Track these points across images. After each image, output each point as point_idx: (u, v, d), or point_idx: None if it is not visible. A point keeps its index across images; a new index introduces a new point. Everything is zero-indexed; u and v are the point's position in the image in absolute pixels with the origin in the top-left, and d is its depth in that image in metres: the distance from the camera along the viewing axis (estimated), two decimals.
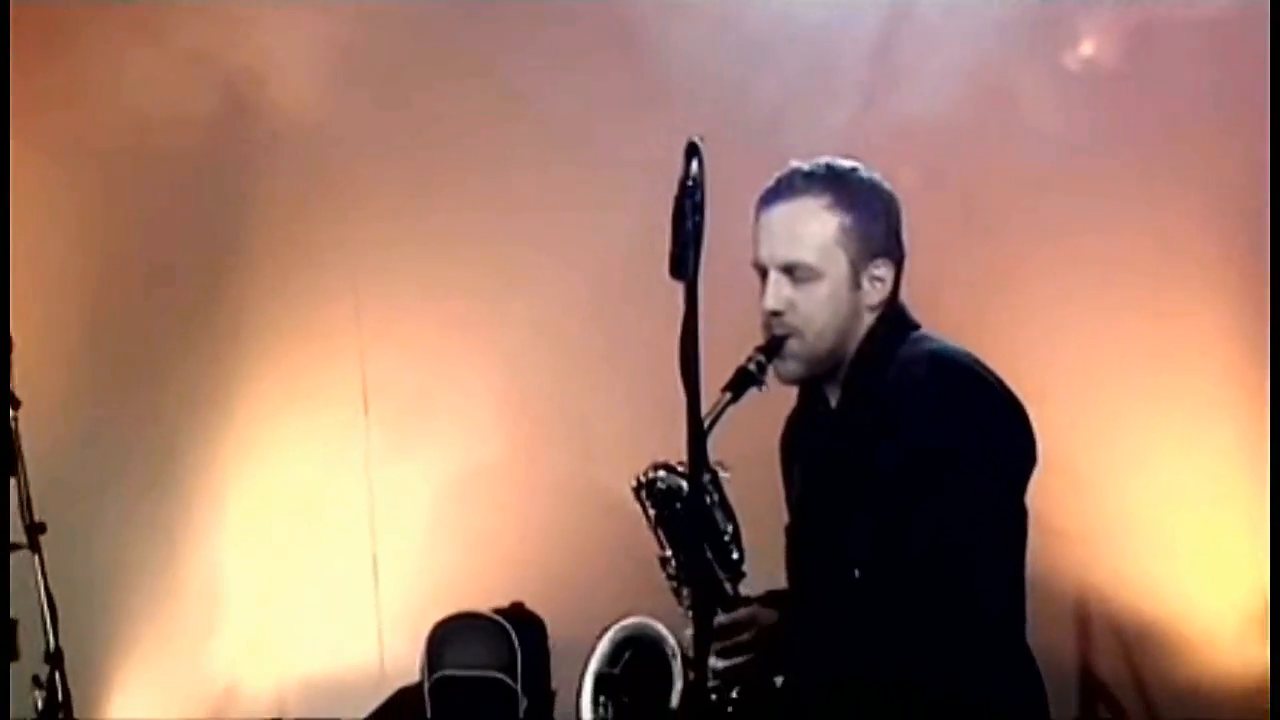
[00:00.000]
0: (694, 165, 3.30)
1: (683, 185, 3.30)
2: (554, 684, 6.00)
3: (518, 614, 5.94)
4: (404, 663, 6.51)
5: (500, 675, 5.70)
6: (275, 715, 6.67)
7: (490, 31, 6.80)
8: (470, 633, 5.84)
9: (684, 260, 3.28)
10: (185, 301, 7.18)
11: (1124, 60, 6.21)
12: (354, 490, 6.90)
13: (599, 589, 6.01)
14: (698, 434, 3.26)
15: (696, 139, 3.30)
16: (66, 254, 7.14)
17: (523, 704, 5.63)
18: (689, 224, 3.30)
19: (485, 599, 6.25)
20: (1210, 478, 5.89)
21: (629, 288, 6.35)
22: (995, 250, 6.19)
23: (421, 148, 7.00)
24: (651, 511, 3.59)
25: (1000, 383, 3.54)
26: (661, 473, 3.55)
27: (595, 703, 3.65)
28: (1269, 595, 5.27)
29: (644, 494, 3.60)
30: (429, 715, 5.87)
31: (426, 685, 5.89)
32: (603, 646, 3.70)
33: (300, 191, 7.11)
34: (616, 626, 3.72)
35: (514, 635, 5.79)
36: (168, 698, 6.83)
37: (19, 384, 5.38)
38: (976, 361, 3.55)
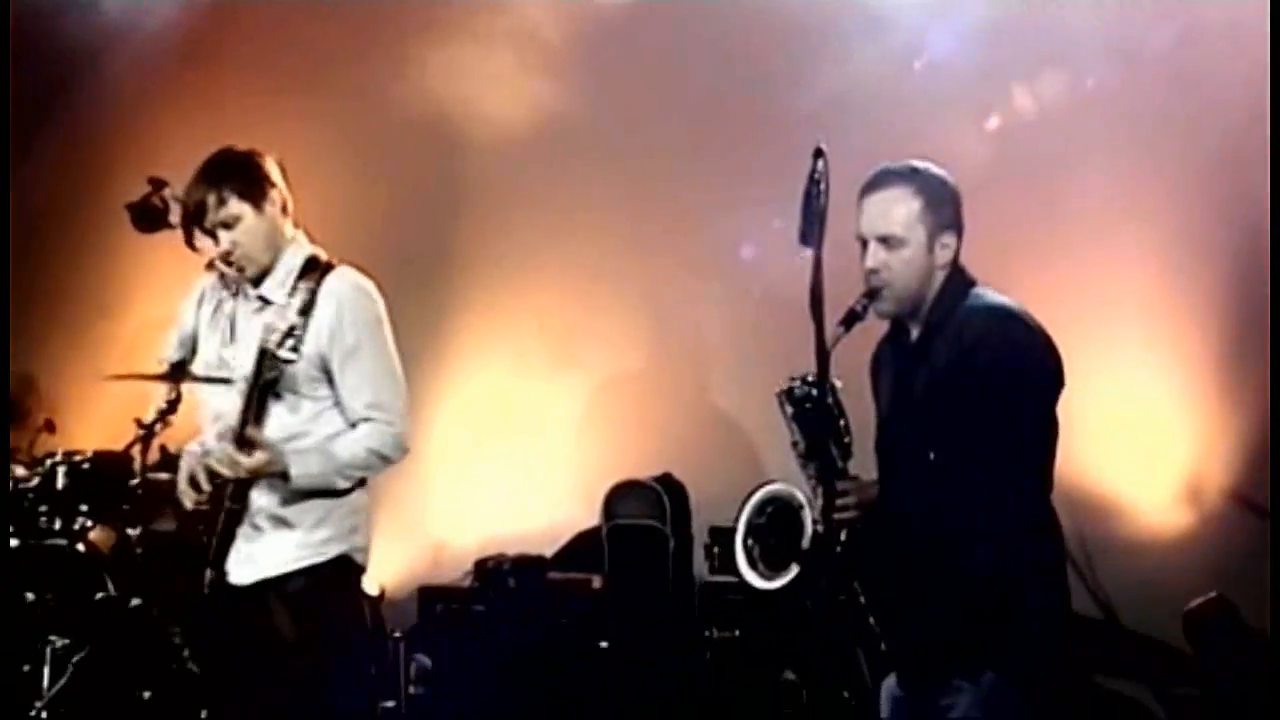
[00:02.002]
0: (819, 164, 3.39)
1: (811, 177, 3.41)
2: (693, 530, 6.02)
3: (667, 481, 5.92)
4: (577, 520, 6.47)
5: (655, 523, 5.68)
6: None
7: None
8: (633, 493, 5.81)
9: (810, 232, 3.40)
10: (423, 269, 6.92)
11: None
12: (536, 391, 6.87)
13: (724, 464, 6.15)
14: (823, 355, 3.37)
15: (822, 145, 3.40)
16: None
17: (671, 544, 5.62)
18: (815, 206, 3.40)
19: (645, 471, 6.21)
20: (1139, 381, 5.82)
21: (763, 254, 6.41)
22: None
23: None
24: (789, 410, 3.59)
25: (1038, 323, 3.55)
26: (797, 383, 3.57)
27: (745, 543, 3.65)
28: (1269, 591, 4.90)
29: (784, 397, 3.61)
30: (606, 551, 5.85)
31: (604, 530, 5.87)
32: (752, 502, 3.67)
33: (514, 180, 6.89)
34: (763, 489, 3.69)
35: (665, 495, 5.77)
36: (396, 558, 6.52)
37: None
38: (1021, 308, 3.57)
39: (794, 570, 3.55)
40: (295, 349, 3.71)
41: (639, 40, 6.62)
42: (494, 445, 6.75)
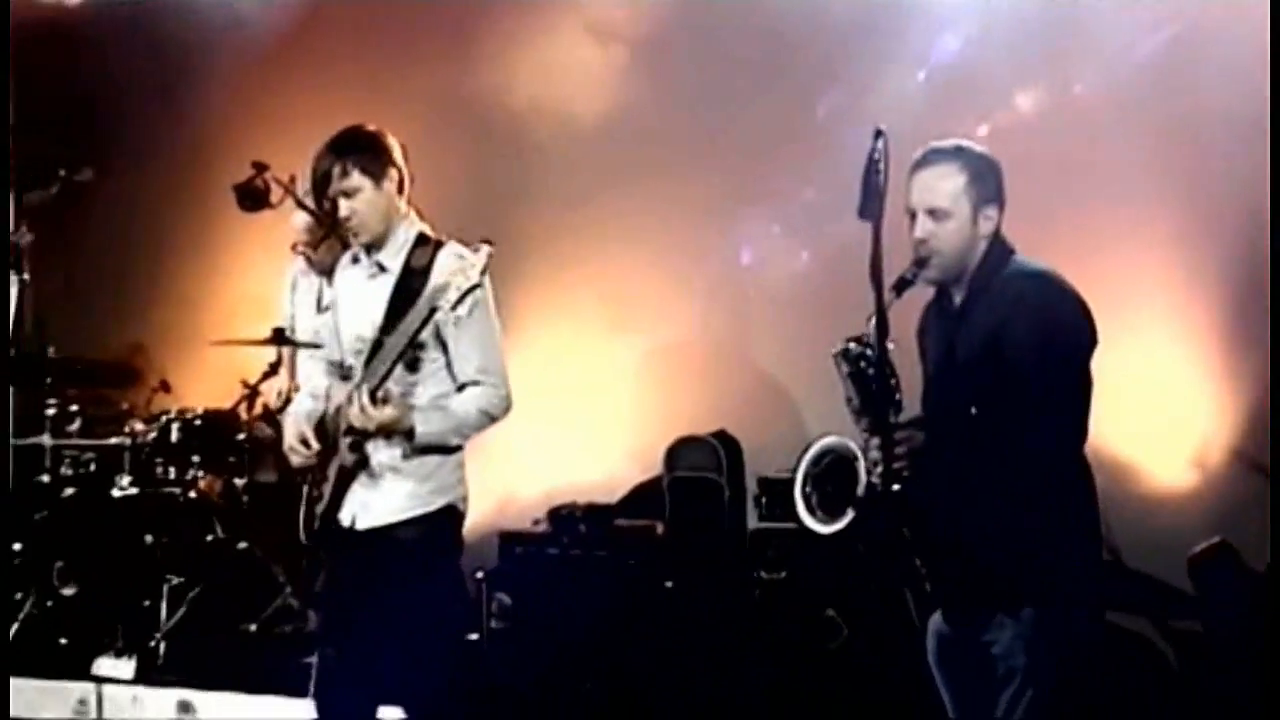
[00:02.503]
0: (879, 144, 3.41)
1: (870, 157, 3.42)
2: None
3: (723, 436, 5.89)
4: (632, 473, 6.43)
5: (712, 475, 5.67)
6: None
7: None
8: (692, 448, 5.79)
9: (869, 207, 3.43)
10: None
11: None
12: (596, 355, 6.82)
13: (771, 420, 6.18)
14: (881, 319, 3.42)
15: (882, 127, 3.43)
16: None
17: (726, 494, 5.61)
18: (874, 183, 3.42)
19: (694, 427, 6.13)
20: (1153, 347, 5.78)
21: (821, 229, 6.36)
22: None
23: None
24: (845, 368, 3.56)
25: (1072, 287, 3.54)
26: (852, 344, 3.55)
27: (804, 490, 3.63)
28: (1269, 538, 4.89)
29: (841, 357, 3.58)
30: (668, 500, 5.83)
31: (666, 481, 5.85)
32: (810, 453, 3.64)
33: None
34: (819, 441, 3.66)
35: (721, 450, 5.75)
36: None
37: None
38: (1056, 273, 3.56)
39: (849, 516, 3.53)
40: (466, 309, 3.67)
41: (687, 40, 6.67)
42: (557, 405, 6.62)
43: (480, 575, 5.51)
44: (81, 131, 7.17)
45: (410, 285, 3.79)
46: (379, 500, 3.88)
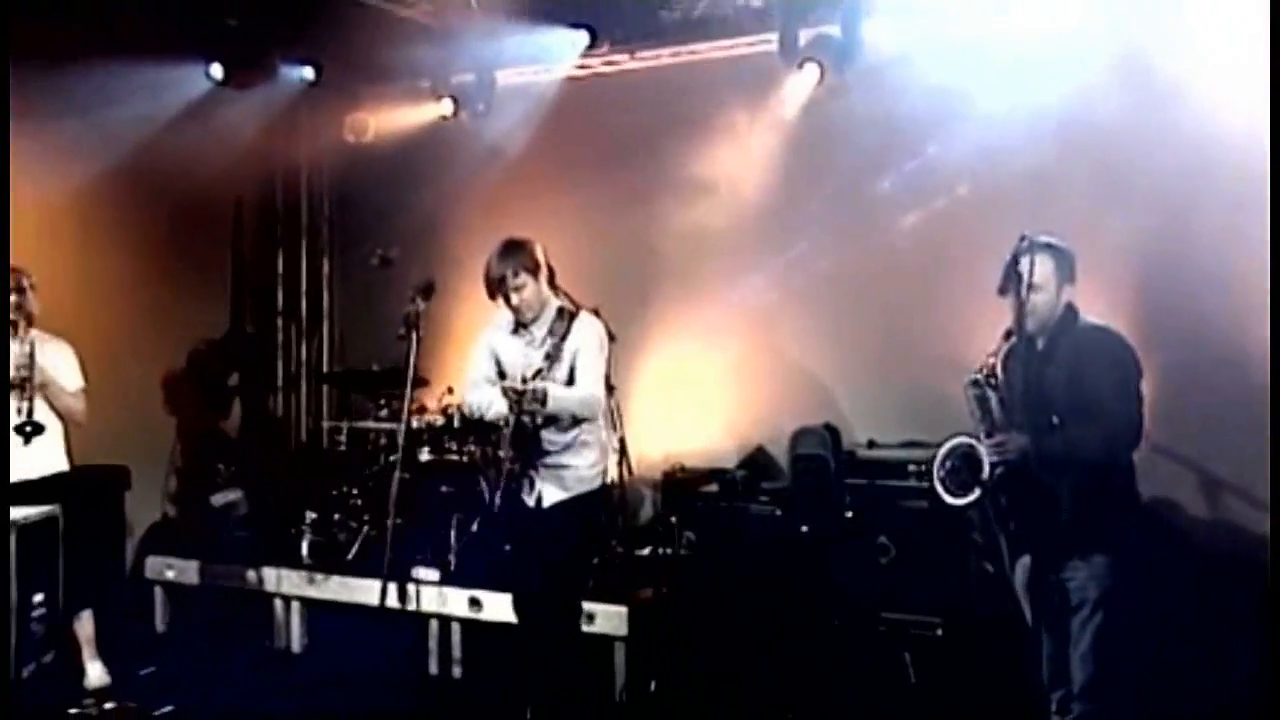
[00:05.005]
0: (1024, 244, 3.46)
1: (1015, 255, 3.47)
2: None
3: (828, 426, 5.61)
4: (728, 446, 6.01)
5: (823, 453, 5.48)
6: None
7: None
8: (809, 433, 5.58)
9: (1008, 288, 3.51)
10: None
11: None
12: (699, 360, 6.15)
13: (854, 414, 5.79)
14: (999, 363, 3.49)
15: (1026, 233, 3.48)
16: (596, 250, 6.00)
17: (832, 467, 5.42)
18: (1012, 271, 3.46)
19: (787, 417, 5.75)
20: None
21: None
22: None
23: None
24: (972, 393, 3.57)
25: (1123, 334, 3.55)
26: (978, 376, 3.58)
27: (939, 473, 3.59)
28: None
29: (970, 385, 3.58)
30: (790, 470, 5.63)
31: (790, 457, 5.64)
32: (944, 447, 3.61)
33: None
34: (952, 439, 3.60)
35: (827, 435, 5.55)
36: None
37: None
38: (1113, 326, 3.58)
39: (976, 493, 3.50)
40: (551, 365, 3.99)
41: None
42: (671, 396, 6.26)
43: (674, 519, 5.49)
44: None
45: (554, 345, 4.03)
46: (558, 482, 4.05)
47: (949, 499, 3.55)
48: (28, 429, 4.34)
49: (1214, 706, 4.02)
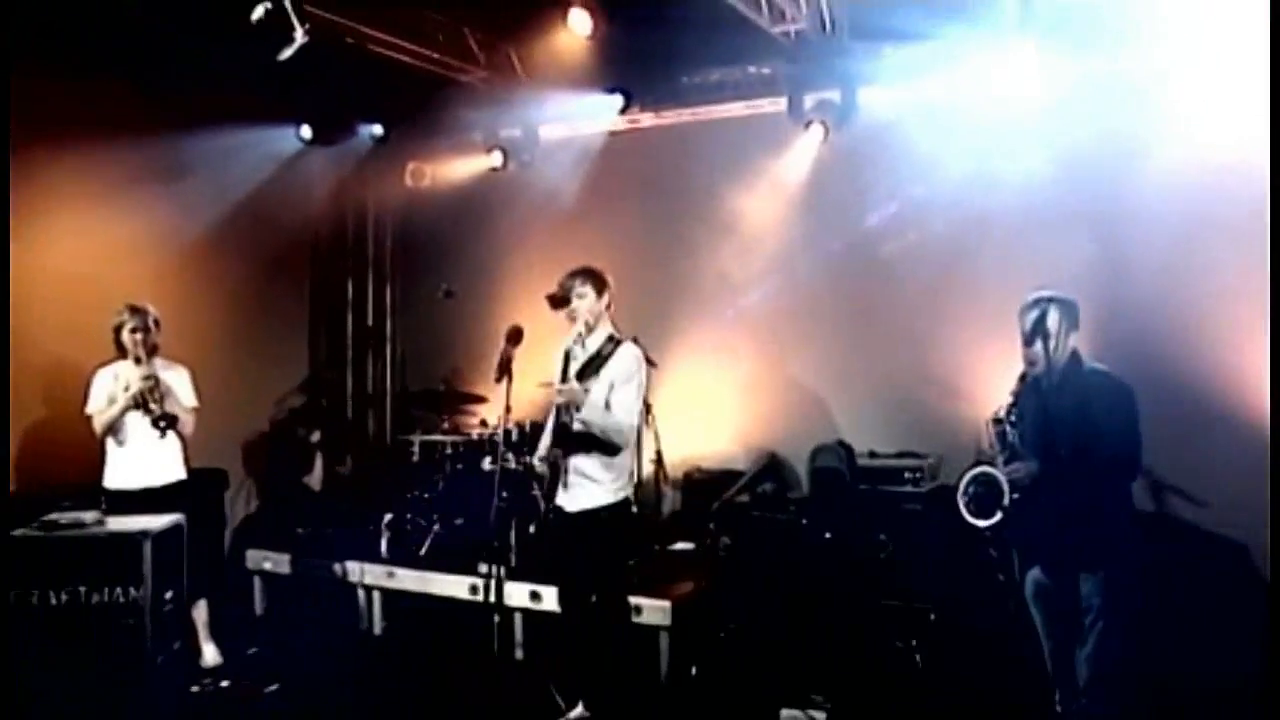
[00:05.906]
0: (1051, 308, 3.45)
1: (1043, 319, 3.43)
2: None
3: (842, 443, 5.53)
4: (738, 454, 5.97)
5: (839, 466, 5.38)
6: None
7: None
8: (826, 449, 5.48)
9: (1032, 341, 3.43)
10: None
11: None
12: (714, 378, 6.07)
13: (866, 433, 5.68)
14: (1017, 397, 3.44)
15: (1044, 293, 3.48)
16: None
17: (846, 477, 5.36)
18: (1036, 337, 3.40)
19: (815, 429, 5.67)
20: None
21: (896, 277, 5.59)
22: None
23: None
24: (993, 429, 3.51)
25: (1121, 378, 3.47)
26: (1000, 413, 3.53)
27: (963, 498, 3.52)
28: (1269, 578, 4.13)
29: (991, 423, 3.50)
30: (809, 481, 5.53)
31: (808, 470, 5.57)
32: (968, 475, 3.53)
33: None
34: (974, 468, 3.53)
35: (842, 451, 5.50)
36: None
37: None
38: (1111, 369, 3.52)
39: (999, 515, 3.46)
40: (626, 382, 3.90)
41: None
42: (692, 410, 6.15)
43: (712, 525, 5.44)
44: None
45: (596, 363, 3.96)
46: (585, 493, 3.98)
47: (974, 521, 3.51)
48: (162, 423, 4.39)
49: (1210, 703, 3.99)
